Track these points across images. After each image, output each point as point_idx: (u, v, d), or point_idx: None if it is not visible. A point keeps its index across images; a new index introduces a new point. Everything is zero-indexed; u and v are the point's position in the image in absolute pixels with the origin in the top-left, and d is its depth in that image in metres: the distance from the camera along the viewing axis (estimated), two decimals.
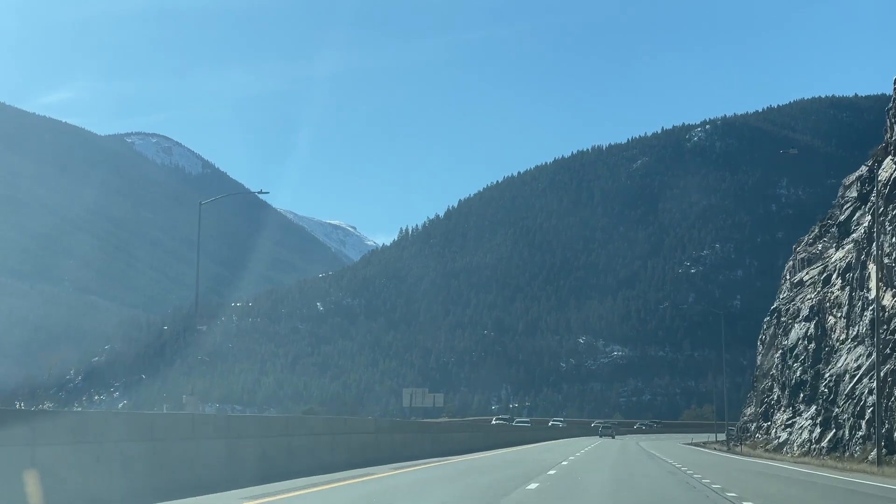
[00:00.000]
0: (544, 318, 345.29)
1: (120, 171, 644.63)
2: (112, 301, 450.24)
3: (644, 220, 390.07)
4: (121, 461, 20.33)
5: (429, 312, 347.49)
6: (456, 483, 31.07)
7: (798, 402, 70.83)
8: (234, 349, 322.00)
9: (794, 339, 74.42)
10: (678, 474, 38.84)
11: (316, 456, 33.45)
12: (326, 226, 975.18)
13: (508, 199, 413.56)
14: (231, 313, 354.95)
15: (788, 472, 45.80)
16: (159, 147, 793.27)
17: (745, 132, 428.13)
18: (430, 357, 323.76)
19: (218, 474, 25.02)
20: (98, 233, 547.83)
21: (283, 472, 29.14)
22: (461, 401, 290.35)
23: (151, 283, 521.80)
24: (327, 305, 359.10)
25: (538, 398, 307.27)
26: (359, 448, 39.16)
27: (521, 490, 27.71)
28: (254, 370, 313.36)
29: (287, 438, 31.19)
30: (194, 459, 24.06)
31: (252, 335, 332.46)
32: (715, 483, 32.88)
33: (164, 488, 21.77)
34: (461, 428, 79.05)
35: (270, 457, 29.07)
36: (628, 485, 31.80)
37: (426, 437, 54.01)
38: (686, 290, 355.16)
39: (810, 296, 73.33)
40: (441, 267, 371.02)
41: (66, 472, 18.31)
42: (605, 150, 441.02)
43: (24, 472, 16.87)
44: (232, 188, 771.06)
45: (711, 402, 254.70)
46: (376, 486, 28.54)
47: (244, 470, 26.82)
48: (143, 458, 21.31)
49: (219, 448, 25.65)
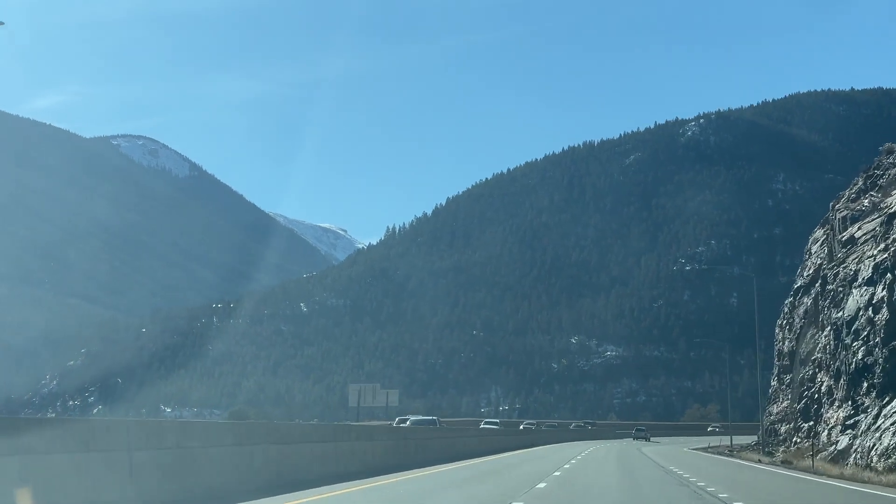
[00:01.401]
0: (535, 317, 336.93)
1: (105, 174, 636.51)
2: (92, 304, 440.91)
3: (637, 217, 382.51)
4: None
5: (416, 312, 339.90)
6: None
7: (860, 393, 53.32)
8: (214, 352, 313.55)
9: (851, 309, 55.80)
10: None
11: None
12: (317, 229, 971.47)
13: (498, 196, 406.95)
14: (212, 315, 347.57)
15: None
16: (145, 150, 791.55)
17: (740, 126, 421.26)
18: (417, 358, 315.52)
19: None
20: (80, 234, 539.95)
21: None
22: (449, 403, 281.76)
23: (135, 286, 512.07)
24: (311, 306, 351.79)
25: (529, 400, 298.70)
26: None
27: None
28: (234, 373, 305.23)
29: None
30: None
31: (233, 337, 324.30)
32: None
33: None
34: (386, 436, 47.64)
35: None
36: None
37: (346, 447, 37.17)
38: (681, 288, 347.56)
39: (871, 252, 55.67)
40: (429, 266, 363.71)
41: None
42: (596, 146, 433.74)
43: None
44: (221, 191, 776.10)
45: (713, 402, 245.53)
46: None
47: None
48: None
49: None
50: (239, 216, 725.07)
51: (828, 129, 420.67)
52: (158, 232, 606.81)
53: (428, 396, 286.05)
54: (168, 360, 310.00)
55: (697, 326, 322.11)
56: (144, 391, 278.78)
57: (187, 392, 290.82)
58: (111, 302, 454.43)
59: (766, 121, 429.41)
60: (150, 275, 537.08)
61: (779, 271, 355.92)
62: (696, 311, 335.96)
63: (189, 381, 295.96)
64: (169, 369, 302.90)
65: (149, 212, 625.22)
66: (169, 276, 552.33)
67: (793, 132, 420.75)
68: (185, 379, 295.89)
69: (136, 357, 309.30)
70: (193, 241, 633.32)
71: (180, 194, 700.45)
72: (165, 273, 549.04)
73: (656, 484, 35.62)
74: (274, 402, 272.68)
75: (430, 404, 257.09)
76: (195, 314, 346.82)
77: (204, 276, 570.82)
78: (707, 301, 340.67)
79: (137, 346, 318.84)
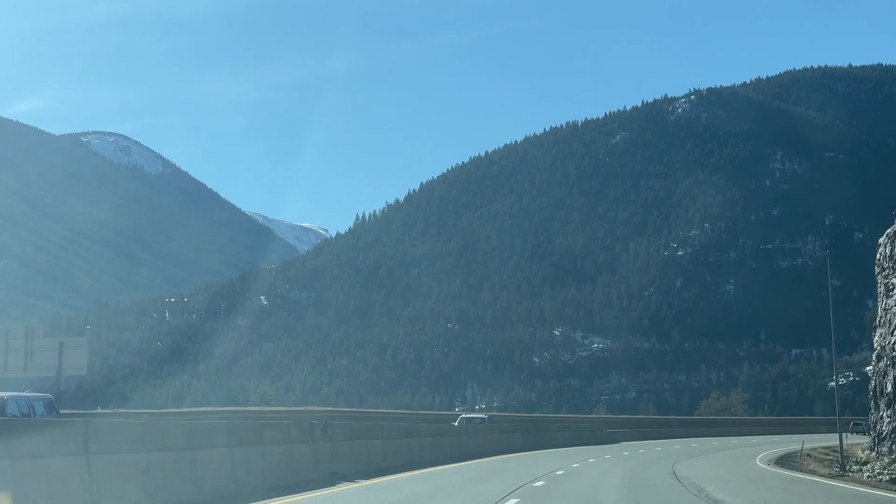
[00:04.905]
0: (515, 308, 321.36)
1: (74, 170, 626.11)
2: (50, 302, 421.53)
3: (625, 200, 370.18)
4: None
5: (385, 304, 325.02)
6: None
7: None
8: (164, 349, 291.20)
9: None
10: None
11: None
12: (297, 228, 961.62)
13: (475, 180, 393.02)
14: (164, 309, 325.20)
15: None
16: (117, 146, 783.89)
17: (734, 103, 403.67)
18: (385, 354, 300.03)
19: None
20: (42, 232, 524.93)
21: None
22: (421, 402, 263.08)
23: (97, 284, 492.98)
24: (272, 299, 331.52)
25: (509, 397, 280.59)
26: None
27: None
28: (185, 372, 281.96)
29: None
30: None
31: (186, 332, 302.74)
32: None
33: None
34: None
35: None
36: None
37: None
38: (673, 275, 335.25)
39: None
40: (400, 255, 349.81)
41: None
42: (580, 126, 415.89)
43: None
44: (194, 187, 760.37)
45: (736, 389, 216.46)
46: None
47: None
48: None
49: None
50: (213, 214, 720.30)
51: (826, 106, 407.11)
52: (124, 229, 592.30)
53: (398, 395, 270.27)
54: (111, 360, 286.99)
55: (691, 316, 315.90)
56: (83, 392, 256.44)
57: (129, 393, 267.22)
58: (63, 299, 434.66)
59: (762, 97, 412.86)
60: (111, 272, 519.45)
61: (778, 255, 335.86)
62: (689, 300, 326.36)
63: (133, 383, 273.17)
64: (112, 369, 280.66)
65: (123, 209, 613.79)
66: (133, 274, 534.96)
67: (790, 109, 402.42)
68: (127, 379, 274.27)
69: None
70: (162, 239, 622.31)
71: (152, 192, 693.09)
72: (128, 269, 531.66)
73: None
74: (224, 404, 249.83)
75: (399, 403, 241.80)
76: (144, 309, 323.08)
77: (171, 273, 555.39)
78: (702, 289, 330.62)
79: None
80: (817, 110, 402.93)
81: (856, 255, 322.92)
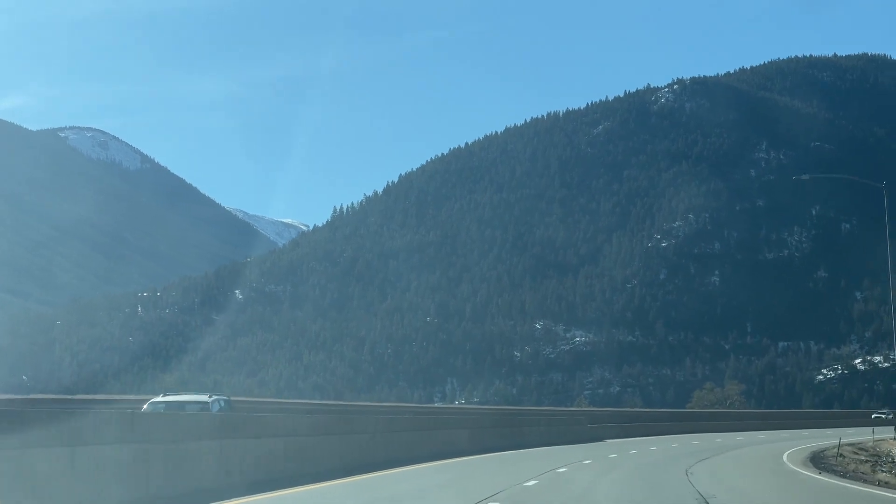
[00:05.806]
0: (495, 300, 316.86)
1: (51, 166, 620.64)
2: (27, 299, 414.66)
3: (607, 190, 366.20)
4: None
5: (363, 298, 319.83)
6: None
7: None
8: (135, 344, 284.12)
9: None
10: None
11: None
12: (278, 224, 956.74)
13: (455, 171, 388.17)
14: (136, 304, 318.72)
15: None
16: (95, 141, 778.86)
17: (717, 93, 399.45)
18: (363, 348, 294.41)
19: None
20: (19, 228, 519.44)
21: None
22: (399, 397, 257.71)
23: (75, 280, 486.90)
24: (247, 293, 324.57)
25: (489, 392, 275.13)
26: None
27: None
28: (156, 367, 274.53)
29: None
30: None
31: (158, 328, 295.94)
32: None
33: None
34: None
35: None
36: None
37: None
38: (657, 267, 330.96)
39: None
40: (378, 247, 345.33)
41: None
42: (562, 117, 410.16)
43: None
44: (173, 183, 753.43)
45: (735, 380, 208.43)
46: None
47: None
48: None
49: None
50: (194, 210, 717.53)
51: (811, 96, 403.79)
52: (101, 225, 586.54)
53: (375, 390, 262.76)
54: (81, 356, 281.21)
55: (676, 308, 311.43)
56: (51, 389, 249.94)
57: (97, 389, 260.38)
58: (40, 296, 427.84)
59: (746, 87, 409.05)
60: (88, 268, 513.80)
61: (763, 246, 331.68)
62: (673, 292, 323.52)
63: (102, 379, 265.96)
64: (82, 364, 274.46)
65: (101, 205, 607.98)
66: (110, 271, 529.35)
67: (775, 98, 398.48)
68: (97, 375, 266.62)
69: (47, 350, 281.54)
70: (140, 234, 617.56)
71: (128, 186, 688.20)
72: (105, 266, 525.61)
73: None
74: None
75: (377, 399, 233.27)
76: (116, 304, 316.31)
77: (149, 269, 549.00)
78: (686, 280, 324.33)
79: (48, 340, 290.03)
80: (802, 100, 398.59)
81: (843, 246, 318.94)
